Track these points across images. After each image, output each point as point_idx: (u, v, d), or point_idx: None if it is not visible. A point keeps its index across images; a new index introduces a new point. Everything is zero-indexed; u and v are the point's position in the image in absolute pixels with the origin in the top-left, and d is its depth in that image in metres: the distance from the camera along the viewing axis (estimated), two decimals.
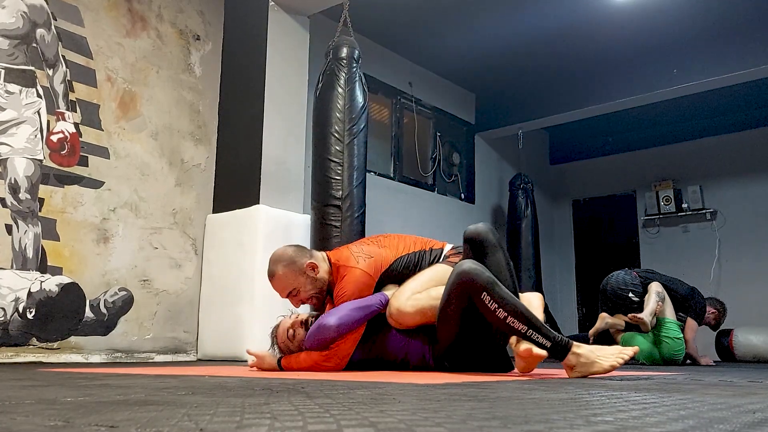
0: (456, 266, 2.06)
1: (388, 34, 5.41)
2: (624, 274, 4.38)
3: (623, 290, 4.27)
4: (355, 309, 2.32)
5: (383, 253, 2.47)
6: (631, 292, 4.23)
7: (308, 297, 2.48)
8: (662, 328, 4.14)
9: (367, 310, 2.34)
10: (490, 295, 1.92)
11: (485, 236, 2.19)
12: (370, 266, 2.41)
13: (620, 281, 4.32)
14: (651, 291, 4.16)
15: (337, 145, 3.70)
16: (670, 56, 5.56)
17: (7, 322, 3.16)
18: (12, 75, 3.34)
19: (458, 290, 2.02)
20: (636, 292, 4.22)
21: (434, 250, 2.56)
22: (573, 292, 7.71)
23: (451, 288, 2.05)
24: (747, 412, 0.98)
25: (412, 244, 2.55)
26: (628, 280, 4.31)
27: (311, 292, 2.46)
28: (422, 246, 2.57)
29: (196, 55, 4.26)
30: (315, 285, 2.46)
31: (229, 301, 3.76)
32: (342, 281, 2.41)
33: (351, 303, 2.35)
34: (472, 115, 6.71)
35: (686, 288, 4.44)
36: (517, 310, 1.90)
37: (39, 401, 1.07)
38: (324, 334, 2.29)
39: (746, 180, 6.63)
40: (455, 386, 1.51)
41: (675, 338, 4.12)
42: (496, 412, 0.93)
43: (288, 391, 1.30)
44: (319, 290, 2.48)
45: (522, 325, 1.89)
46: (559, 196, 8.00)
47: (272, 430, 0.72)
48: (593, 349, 1.96)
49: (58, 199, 3.44)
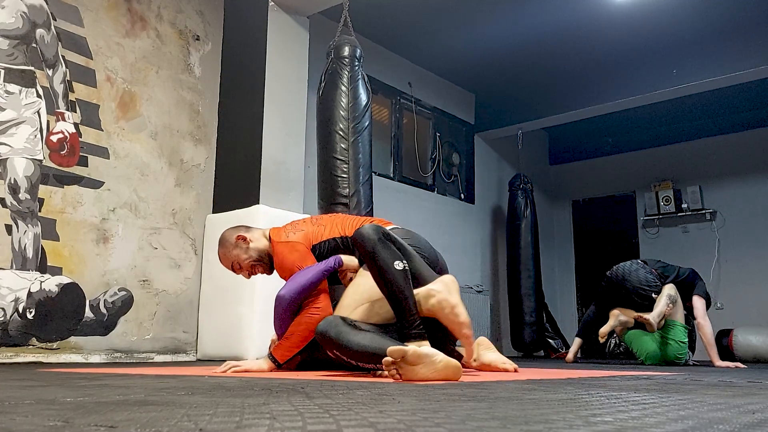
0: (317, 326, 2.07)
1: (388, 34, 5.41)
2: (646, 273, 4.26)
3: (647, 290, 4.20)
4: (303, 272, 2.38)
5: (315, 230, 2.54)
6: (653, 292, 4.19)
7: (250, 266, 2.58)
8: (670, 330, 4.12)
9: (317, 268, 2.38)
10: (338, 351, 1.96)
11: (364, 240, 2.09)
12: (299, 237, 2.49)
13: (643, 281, 4.23)
14: (663, 293, 4.11)
15: (342, 143, 3.70)
16: (670, 56, 5.56)
17: (6, 322, 3.16)
18: (12, 75, 3.34)
19: (325, 348, 2.05)
20: (657, 293, 4.18)
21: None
22: (573, 293, 7.71)
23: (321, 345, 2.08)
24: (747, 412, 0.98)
25: (350, 226, 2.53)
26: (651, 281, 4.22)
27: (250, 261, 2.56)
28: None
29: (196, 55, 4.26)
30: (250, 255, 2.56)
31: (229, 301, 3.76)
32: (276, 256, 2.51)
33: (298, 272, 2.41)
34: (471, 115, 6.72)
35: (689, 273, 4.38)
36: (359, 352, 1.91)
37: (39, 401, 1.07)
38: (280, 302, 2.35)
39: (746, 180, 6.63)
40: (455, 386, 1.51)
41: (680, 342, 4.10)
42: (495, 412, 0.93)
43: (287, 392, 1.30)
44: (257, 259, 2.57)
45: (368, 365, 1.91)
46: (559, 197, 8.00)
47: (272, 430, 0.72)
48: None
49: (57, 199, 3.44)
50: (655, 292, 4.17)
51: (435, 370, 1.71)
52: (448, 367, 1.73)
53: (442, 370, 1.72)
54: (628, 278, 4.29)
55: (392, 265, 2.02)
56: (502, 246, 6.74)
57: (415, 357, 1.67)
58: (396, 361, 1.66)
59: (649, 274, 4.26)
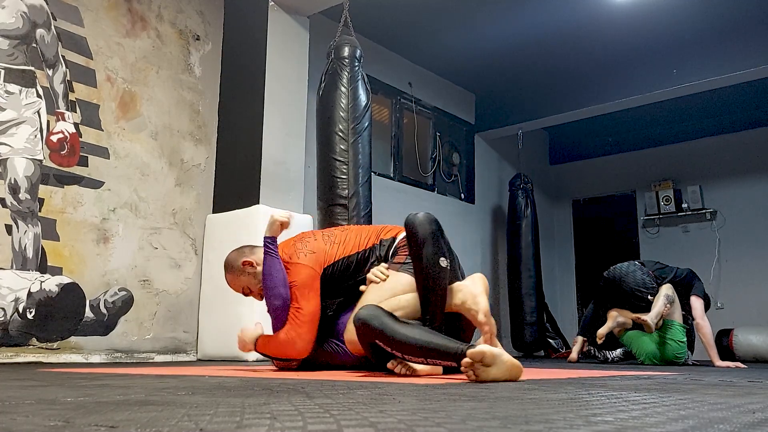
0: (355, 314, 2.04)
1: (388, 34, 5.41)
2: (642, 275, 4.28)
3: (643, 293, 4.22)
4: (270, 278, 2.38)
5: (327, 249, 2.47)
6: (650, 294, 4.20)
7: (260, 290, 2.50)
8: (668, 330, 4.12)
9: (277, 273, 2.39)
10: (382, 341, 1.92)
11: (417, 229, 2.12)
12: (311, 261, 2.41)
13: (639, 283, 4.25)
14: (660, 293, 4.11)
15: (341, 144, 3.70)
16: (670, 56, 5.56)
17: (7, 322, 3.16)
18: (12, 75, 3.34)
19: (361, 338, 2.03)
20: (653, 294, 4.18)
21: (384, 241, 2.46)
22: (573, 292, 7.71)
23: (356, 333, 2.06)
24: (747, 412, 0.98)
25: (366, 239, 2.49)
26: (648, 283, 4.24)
27: (260, 285, 2.49)
28: (375, 239, 2.49)
29: (196, 55, 4.26)
30: (258, 279, 2.49)
31: (229, 301, 3.76)
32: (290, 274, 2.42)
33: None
34: (471, 115, 6.72)
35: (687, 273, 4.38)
36: (407, 345, 1.88)
37: (39, 401, 1.07)
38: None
39: (746, 180, 6.63)
40: (455, 386, 1.51)
41: (679, 341, 4.10)
42: (495, 412, 0.93)
43: (288, 391, 1.30)
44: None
45: (416, 358, 1.88)
46: (559, 196, 8.00)
47: (272, 430, 0.72)
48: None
49: (57, 199, 3.44)
50: (651, 294, 4.18)
51: (504, 370, 1.71)
52: (513, 367, 1.74)
53: (508, 370, 1.72)
54: (624, 279, 4.31)
55: (438, 261, 2.07)
56: (503, 246, 6.74)
57: (492, 358, 1.67)
58: (475, 362, 1.66)
59: (646, 276, 4.27)
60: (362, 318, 1.97)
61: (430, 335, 1.90)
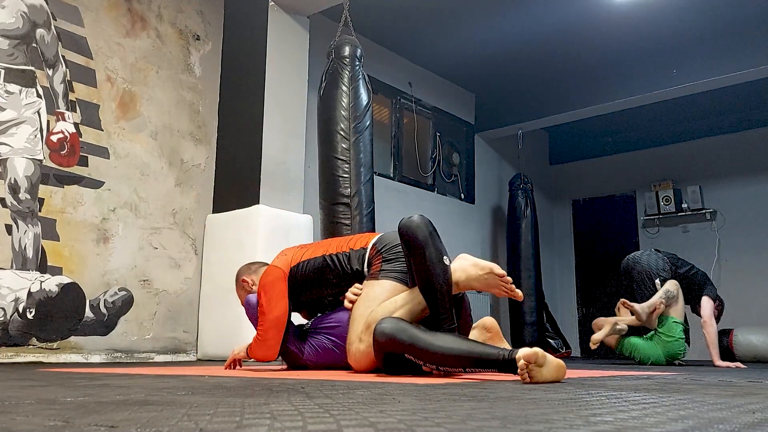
0: (376, 326, 1.97)
1: (388, 34, 5.41)
2: (657, 258, 4.23)
3: (651, 275, 4.18)
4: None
5: (296, 252, 2.53)
6: (658, 278, 4.16)
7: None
8: (665, 327, 4.11)
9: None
10: (413, 354, 1.87)
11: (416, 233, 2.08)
12: (279, 262, 2.50)
13: (653, 265, 4.18)
14: (663, 287, 4.11)
15: (343, 143, 3.70)
16: (670, 56, 5.56)
17: (7, 322, 3.16)
18: (12, 75, 3.34)
19: (379, 351, 1.96)
20: (662, 280, 4.15)
21: (353, 252, 2.42)
22: (573, 292, 7.71)
23: (375, 347, 1.99)
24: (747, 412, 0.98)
25: (335, 246, 2.48)
26: (660, 266, 4.17)
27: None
28: (345, 248, 2.46)
29: (196, 55, 4.26)
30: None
31: (229, 301, 3.76)
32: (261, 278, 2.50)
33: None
34: (471, 115, 6.72)
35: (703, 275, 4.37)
36: (444, 356, 1.82)
37: (39, 401, 1.07)
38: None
39: (746, 180, 6.63)
40: (455, 386, 1.51)
41: (678, 338, 4.10)
42: (495, 412, 0.93)
43: (288, 391, 1.30)
44: None
45: (455, 368, 1.84)
46: (559, 196, 8.00)
47: (272, 430, 0.72)
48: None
49: (57, 199, 3.44)
50: (661, 278, 4.15)
51: (552, 370, 1.71)
52: (560, 367, 1.74)
53: (555, 370, 1.72)
54: (638, 262, 4.30)
55: (443, 260, 2.07)
56: (503, 246, 6.74)
57: (543, 359, 1.68)
58: (529, 364, 1.66)
59: (661, 260, 4.25)
60: (388, 332, 1.91)
61: (467, 343, 1.86)
